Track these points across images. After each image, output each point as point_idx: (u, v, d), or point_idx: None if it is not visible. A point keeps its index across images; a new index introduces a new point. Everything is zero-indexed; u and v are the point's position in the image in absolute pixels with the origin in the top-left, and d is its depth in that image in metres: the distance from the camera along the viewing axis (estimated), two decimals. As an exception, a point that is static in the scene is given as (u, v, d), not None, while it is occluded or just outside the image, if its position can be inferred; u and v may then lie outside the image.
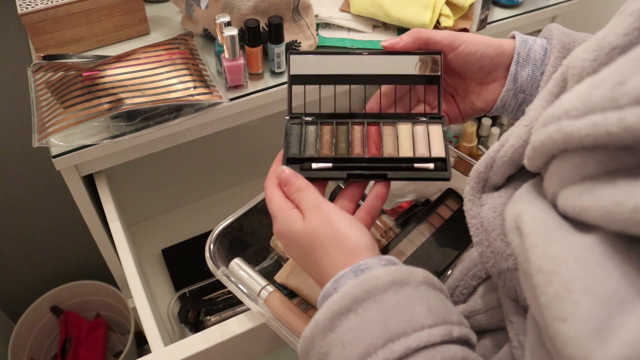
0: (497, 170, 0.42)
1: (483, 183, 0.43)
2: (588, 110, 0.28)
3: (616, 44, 0.32)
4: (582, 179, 0.30)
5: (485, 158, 0.43)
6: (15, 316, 1.36)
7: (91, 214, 0.79)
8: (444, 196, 0.59)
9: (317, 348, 0.37)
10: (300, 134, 0.49)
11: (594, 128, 0.27)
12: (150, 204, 1.13)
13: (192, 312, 0.91)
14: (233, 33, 0.71)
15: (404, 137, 0.50)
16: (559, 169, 0.32)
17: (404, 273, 0.38)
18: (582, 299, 0.26)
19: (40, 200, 1.28)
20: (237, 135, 1.11)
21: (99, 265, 1.05)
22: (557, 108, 0.31)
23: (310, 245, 0.42)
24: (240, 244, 0.59)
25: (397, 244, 0.55)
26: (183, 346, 0.56)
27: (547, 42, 0.52)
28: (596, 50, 0.32)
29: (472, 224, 0.42)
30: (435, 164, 0.48)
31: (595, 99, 0.28)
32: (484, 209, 0.42)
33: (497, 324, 0.45)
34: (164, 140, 0.77)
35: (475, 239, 0.42)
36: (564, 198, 0.31)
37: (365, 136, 0.50)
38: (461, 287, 0.49)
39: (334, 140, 0.49)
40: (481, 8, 0.87)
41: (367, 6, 0.86)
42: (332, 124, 0.50)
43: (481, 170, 0.43)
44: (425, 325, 0.35)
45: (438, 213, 0.57)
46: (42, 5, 0.75)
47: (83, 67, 0.73)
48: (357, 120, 0.51)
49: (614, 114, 0.26)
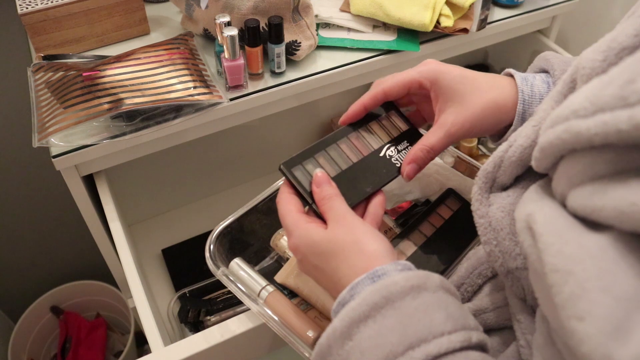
0: (505, 170, 0.42)
1: (491, 183, 0.43)
2: (597, 109, 0.28)
3: (626, 44, 0.32)
4: (592, 179, 0.30)
5: (493, 158, 0.43)
6: (15, 316, 1.36)
7: (91, 214, 0.79)
8: (444, 196, 0.59)
9: (334, 356, 0.37)
10: (304, 173, 0.49)
11: (604, 127, 0.27)
12: (150, 204, 1.13)
13: (192, 312, 0.91)
14: (233, 33, 0.71)
15: (378, 129, 0.55)
16: (568, 169, 0.32)
17: (421, 278, 0.38)
18: (600, 298, 0.26)
19: (40, 200, 1.28)
20: (236, 135, 1.11)
21: (99, 265, 1.05)
22: (565, 108, 0.31)
23: (331, 252, 0.42)
24: (240, 244, 0.59)
25: (398, 244, 0.55)
26: (183, 346, 0.56)
27: (547, 76, 0.50)
28: (606, 50, 0.33)
29: (480, 223, 0.42)
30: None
31: (604, 98, 0.28)
32: (492, 209, 0.42)
33: (503, 323, 0.45)
34: (164, 140, 0.77)
35: (484, 238, 0.42)
36: (574, 198, 0.31)
37: (353, 145, 0.52)
38: (466, 284, 0.49)
39: (332, 163, 0.51)
40: (481, 8, 0.87)
41: (367, 6, 0.86)
42: (324, 153, 0.51)
43: (489, 170, 0.43)
44: (444, 331, 0.35)
45: (438, 213, 0.57)
46: (42, 5, 0.75)
47: (83, 67, 0.73)
48: (340, 138, 0.53)
49: (624, 112, 0.26)
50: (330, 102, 0.89)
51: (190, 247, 1.07)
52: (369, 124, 0.54)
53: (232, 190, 1.21)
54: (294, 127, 1.20)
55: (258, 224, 0.61)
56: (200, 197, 1.19)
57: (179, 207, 1.17)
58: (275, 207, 0.47)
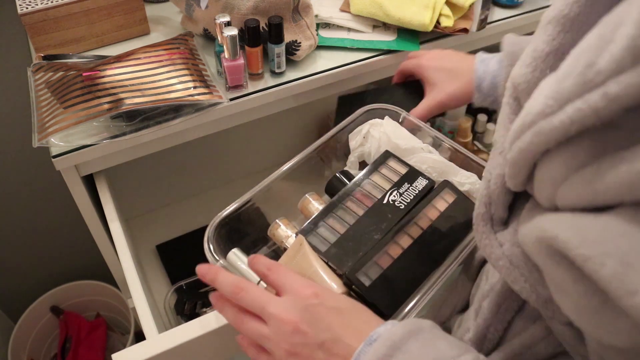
0: (496, 204, 0.41)
1: (490, 223, 0.42)
2: (564, 102, 0.29)
3: (548, 50, 0.34)
4: (577, 169, 0.30)
5: (480, 200, 0.42)
6: (15, 316, 1.36)
7: (91, 213, 0.79)
8: (440, 188, 0.59)
9: None
10: (318, 238, 0.55)
11: (579, 113, 0.28)
12: (144, 200, 1.13)
13: (189, 304, 0.92)
14: (233, 33, 0.71)
15: (379, 179, 0.60)
16: (548, 171, 0.32)
17: (415, 323, 0.41)
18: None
19: (40, 200, 1.28)
20: (233, 133, 1.11)
21: (99, 265, 1.05)
22: (526, 115, 0.32)
23: (345, 309, 0.44)
24: (238, 234, 0.59)
25: (394, 237, 0.55)
26: (178, 333, 0.56)
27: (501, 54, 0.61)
28: (532, 62, 0.35)
29: (499, 266, 0.41)
30: None
31: (567, 89, 0.28)
32: (505, 248, 0.41)
33: (552, 352, 0.44)
34: (164, 140, 0.77)
35: (510, 278, 0.40)
36: (566, 192, 0.31)
37: (358, 201, 0.58)
38: (494, 324, 0.47)
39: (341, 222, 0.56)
40: (481, 8, 0.87)
41: (367, 6, 0.86)
42: (332, 215, 0.56)
43: (483, 212, 0.42)
44: (453, 356, 0.38)
45: (434, 205, 0.57)
46: (42, 5, 0.75)
47: (83, 67, 0.73)
48: (344, 198, 0.58)
49: (595, 93, 0.27)
50: (327, 98, 0.89)
51: (184, 243, 1.08)
52: (371, 176, 0.59)
53: (226, 187, 1.22)
54: (290, 125, 1.20)
55: (255, 214, 0.61)
56: (196, 193, 1.19)
57: (174, 202, 1.17)
58: (272, 198, 0.49)
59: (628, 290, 0.26)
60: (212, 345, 0.58)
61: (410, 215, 0.56)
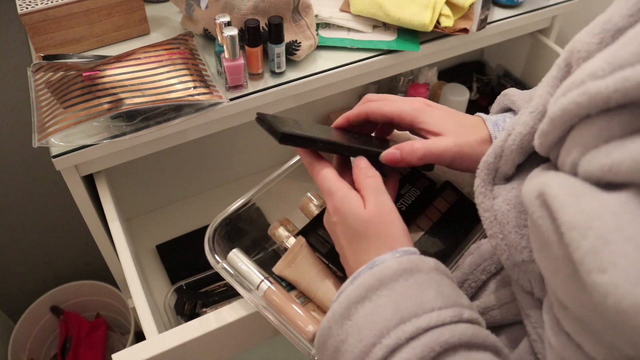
0: (506, 159, 0.42)
1: (493, 174, 0.43)
2: (616, 67, 0.28)
3: (621, 25, 0.32)
4: (607, 141, 0.29)
5: (493, 148, 0.43)
6: (15, 316, 1.36)
7: (91, 213, 0.79)
8: (441, 189, 0.59)
9: (334, 337, 0.40)
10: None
11: (624, 82, 0.27)
12: (145, 200, 1.13)
13: (189, 305, 0.92)
14: (233, 33, 0.71)
15: None
16: (580, 136, 0.32)
17: (414, 262, 0.41)
18: (623, 248, 0.26)
19: (40, 200, 1.28)
20: (233, 133, 1.11)
21: (99, 265, 1.05)
22: (580, 74, 0.31)
23: (365, 233, 0.43)
24: (238, 233, 0.60)
25: None
26: (178, 333, 0.56)
27: (512, 114, 0.53)
28: (601, 33, 0.33)
29: (485, 217, 0.42)
30: None
31: (623, 56, 0.28)
32: (497, 202, 0.42)
33: (512, 319, 0.45)
34: (164, 140, 0.77)
35: (489, 231, 0.42)
36: (589, 160, 0.31)
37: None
38: (470, 281, 0.49)
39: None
40: (481, 8, 0.87)
41: (367, 6, 0.86)
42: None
43: (491, 161, 0.43)
44: (435, 307, 0.38)
45: (435, 206, 0.57)
46: (42, 5, 0.75)
47: (83, 67, 0.73)
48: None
49: None
50: (327, 98, 0.89)
51: (184, 243, 1.08)
52: None
53: (226, 187, 1.22)
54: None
55: (256, 214, 0.61)
56: (196, 193, 1.19)
57: (174, 202, 1.17)
58: (272, 198, 0.49)
59: (599, 266, 0.26)
60: (212, 345, 0.58)
61: (411, 216, 0.56)
